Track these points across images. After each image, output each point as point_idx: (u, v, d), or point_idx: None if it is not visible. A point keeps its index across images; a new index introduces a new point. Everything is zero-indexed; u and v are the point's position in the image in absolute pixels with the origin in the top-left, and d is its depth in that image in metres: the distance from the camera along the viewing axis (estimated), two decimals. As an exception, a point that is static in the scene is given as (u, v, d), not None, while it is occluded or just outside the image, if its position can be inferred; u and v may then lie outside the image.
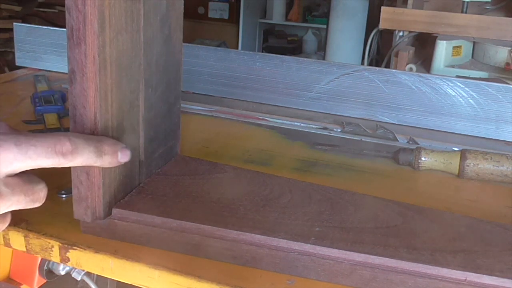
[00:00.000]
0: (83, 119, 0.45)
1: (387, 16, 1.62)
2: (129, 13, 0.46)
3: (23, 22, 2.38)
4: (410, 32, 1.65)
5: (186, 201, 0.51)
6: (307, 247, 0.45)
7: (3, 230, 0.45)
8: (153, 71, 0.52)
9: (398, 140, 0.79)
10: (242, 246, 0.46)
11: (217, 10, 4.19)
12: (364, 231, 0.47)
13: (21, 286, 0.73)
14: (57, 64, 1.05)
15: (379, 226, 0.49)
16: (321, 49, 3.95)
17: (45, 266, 0.71)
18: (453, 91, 0.81)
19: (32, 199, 0.42)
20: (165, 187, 0.53)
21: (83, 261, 0.48)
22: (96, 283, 0.77)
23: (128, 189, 0.51)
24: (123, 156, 0.46)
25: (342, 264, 0.44)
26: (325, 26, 3.05)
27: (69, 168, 0.64)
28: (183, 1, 0.56)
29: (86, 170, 0.46)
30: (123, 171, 0.50)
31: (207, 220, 0.47)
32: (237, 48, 4.02)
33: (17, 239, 0.50)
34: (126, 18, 0.46)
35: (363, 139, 0.79)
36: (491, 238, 0.48)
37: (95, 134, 0.45)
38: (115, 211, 0.49)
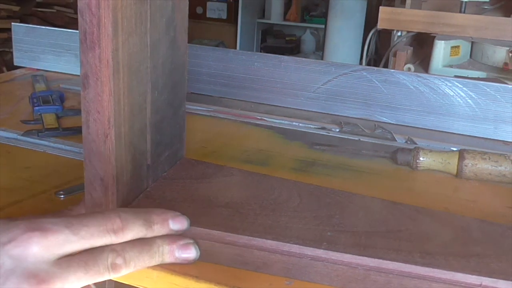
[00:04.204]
0: (97, 124, 0.44)
1: (385, 16, 1.62)
2: (138, 15, 0.46)
3: (21, 22, 2.37)
4: (408, 32, 1.65)
5: (195, 206, 0.50)
6: (320, 252, 0.44)
7: None
8: (159, 74, 0.52)
9: (396, 140, 0.79)
10: (253, 252, 0.45)
11: (215, 10, 4.18)
12: (376, 235, 0.47)
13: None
14: (55, 64, 1.05)
15: (390, 230, 0.48)
16: (319, 49, 3.95)
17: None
18: (451, 91, 0.81)
19: (97, 271, 0.40)
20: (173, 191, 0.53)
21: (82, 262, 0.48)
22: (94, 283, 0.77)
23: (136, 194, 0.51)
24: (176, 223, 0.45)
25: (355, 270, 0.44)
26: (323, 26, 3.05)
27: (68, 168, 0.64)
28: (188, 2, 0.56)
29: (101, 176, 0.45)
30: (133, 175, 0.49)
31: (217, 225, 0.47)
32: (235, 48, 4.01)
33: (15, 240, 0.50)
34: (136, 20, 0.46)
35: (361, 139, 0.79)
36: (503, 241, 0.48)
37: (108, 139, 0.45)
38: None
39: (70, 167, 0.64)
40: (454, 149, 0.74)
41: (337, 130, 0.82)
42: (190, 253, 0.45)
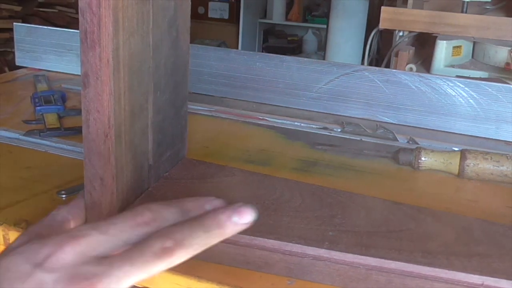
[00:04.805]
0: (97, 123, 0.44)
1: (387, 16, 1.62)
2: (140, 15, 0.46)
3: (23, 22, 2.38)
4: (410, 32, 1.65)
5: None
6: (322, 252, 0.44)
7: None
8: (161, 74, 0.52)
9: (398, 140, 0.79)
10: (255, 252, 0.45)
11: (217, 10, 4.19)
12: (378, 235, 0.47)
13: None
14: (57, 64, 1.05)
15: (392, 230, 0.48)
16: (321, 49, 3.95)
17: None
18: (453, 91, 0.81)
19: (145, 260, 0.37)
20: (174, 191, 0.53)
21: (83, 261, 0.48)
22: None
23: (137, 194, 0.51)
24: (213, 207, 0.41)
25: (357, 269, 0.44)
26: (325, 26, 3.05)
27: (70, 168, 0.64)
28: (190, 3, 0.56)
29: (100, 175, 0.45)
30: (134, 175, 0.49)
31: None
32: (237, 48, 4.02)
33: (17, 239, 0.50)
34: (137, 20, 0.46)
35: (363, 139, 0.79)
36: (505, 241, 0.48)
37: (108, 139, 0.45)
38: None
39: (71, 167, 0.65)
40: (456, 149, 0.74)
41: (339, 130, 0.82)
42: (248, 215, 0.40)
